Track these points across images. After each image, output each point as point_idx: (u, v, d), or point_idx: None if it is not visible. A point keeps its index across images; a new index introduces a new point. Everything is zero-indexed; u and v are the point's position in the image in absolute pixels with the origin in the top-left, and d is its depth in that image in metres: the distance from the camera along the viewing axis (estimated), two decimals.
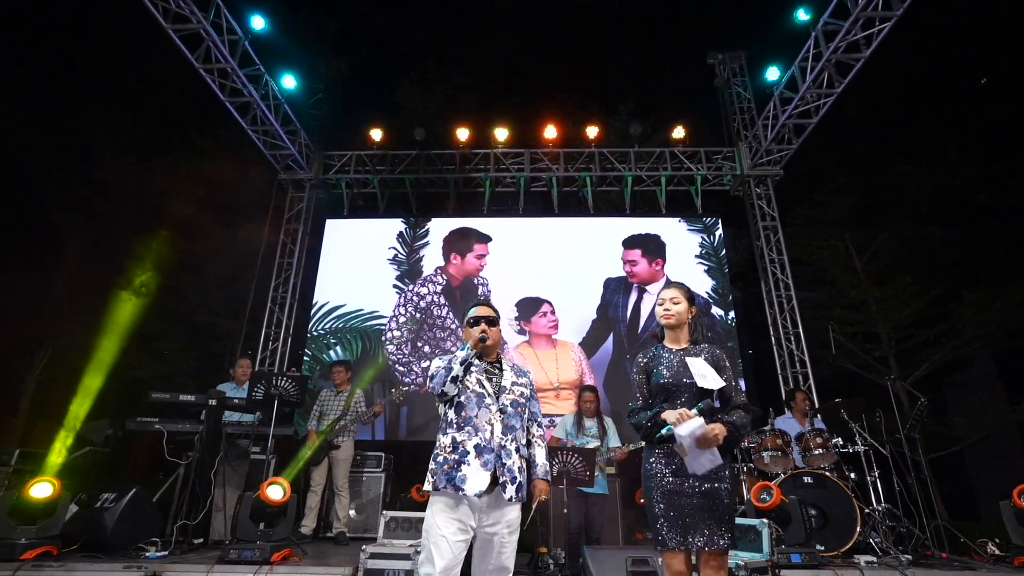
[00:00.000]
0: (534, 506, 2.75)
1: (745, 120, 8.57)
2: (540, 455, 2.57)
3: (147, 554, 3.98)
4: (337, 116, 8.76)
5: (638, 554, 3.65)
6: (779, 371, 7.36)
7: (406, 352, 7.27)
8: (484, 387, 2.44)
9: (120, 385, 7.62)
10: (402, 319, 7.44)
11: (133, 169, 9.03)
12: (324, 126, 8.63)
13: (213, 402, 4.67)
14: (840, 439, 4.82)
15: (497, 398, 2.44)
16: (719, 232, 8.01)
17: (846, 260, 10.40)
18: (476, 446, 2.31)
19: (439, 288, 7.58)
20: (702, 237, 7.93)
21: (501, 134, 8.38)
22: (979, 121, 12.07)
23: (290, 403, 4.79)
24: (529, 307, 7.40)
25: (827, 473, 4.52)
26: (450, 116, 8.65)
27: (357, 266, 7.89)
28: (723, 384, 2.31)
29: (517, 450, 2.40)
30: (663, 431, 2.24)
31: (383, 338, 7.38)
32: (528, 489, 2.48)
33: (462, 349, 2.47)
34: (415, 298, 7.55)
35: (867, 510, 4.51)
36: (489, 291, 7.56)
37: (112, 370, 7.02)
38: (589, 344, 7.21)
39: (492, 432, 2.36)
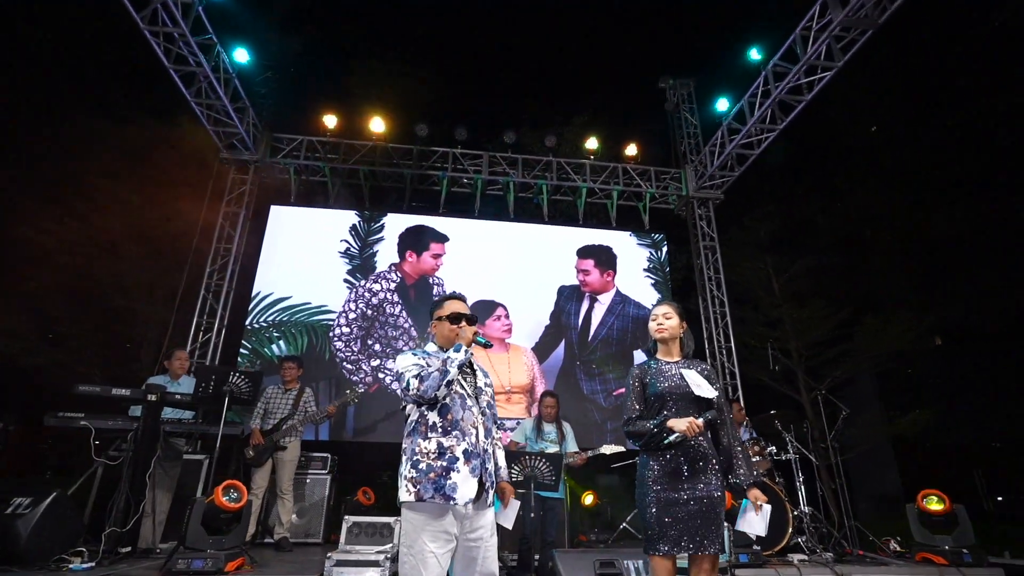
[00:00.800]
0: (511, 511, 2.67)
1: (691, 144, 9.11)
2: (501, 457, 2.50)
3: (71, 566, 3.58)
4: (289, 97, 8.30)
5: (606, 557, 3.80)
6: None
7: (355, 349, 7.02)
8: (464, 388, 2.32)
9: (15, 374, 6.74)
10: (352, 315, 7.18)
11: (41, 127, 8.03)
12: (274, 107, 8.13)
13: (153, 397, 4.27)
14: (774, 447, 5.27)
15: (476, 399, 2.34)
16: (665, 248, 8.46)
17: (767, 281, 11.35)
18: (465, 451, 2.18)
19: (392, 285, 7.40)
20: (650, 252, 8.34)
21: (461, 134, 8.34)
22: (875, 165, 13.67)
23: (241, 401, 4.48)
24: (484, 310, 7.41)
25: (764, 479, 4.92)
26: (409, 110, 8.45)
27: (304, 257, 7.51)
28: (716, 395, 2.49)
29: (494, 453, 2.37)
30: (672, 438, 2.36)
31: (331, 334, 7.08)
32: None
33: (456, 350, 2.27)
34: (367, 294, 7.32)
35: (795, 512, 4.96)
36: (444, 291, 7.49)
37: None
38: (541, 350, 7.35)
39: (477, 435, 2.25)
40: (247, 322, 7.10)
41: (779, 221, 11.66)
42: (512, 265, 7.83)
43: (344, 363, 6.96)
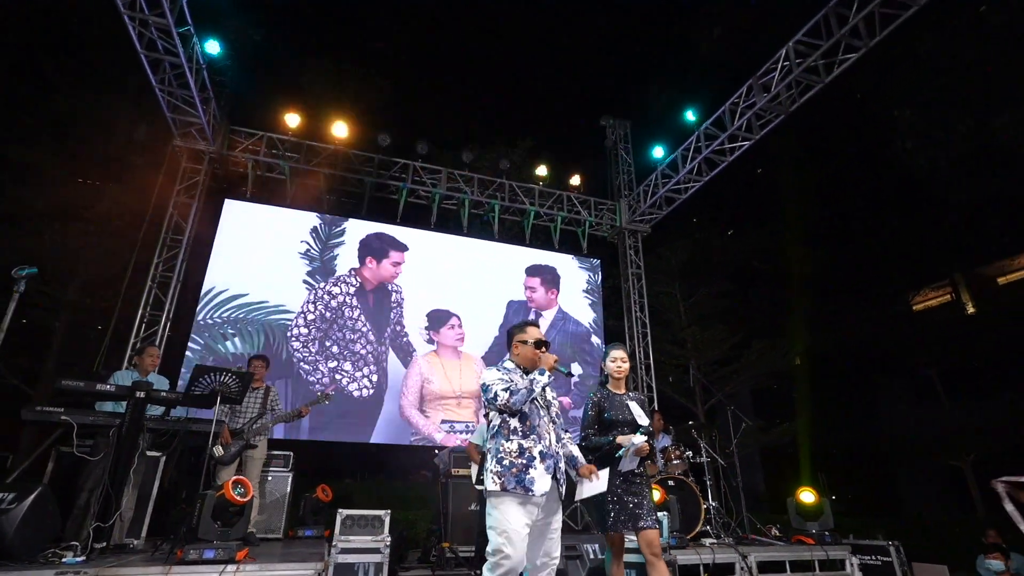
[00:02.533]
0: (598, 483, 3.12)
1: (625, 180, 10.23)
2: (576, 451, 3.02)
3: (64, 560, 3.63)
4: (253, 92, 8.21)
5: (568, 542, 4.52)
6: None
7: (313, 351, 7.18)
8: (539, 400, 2.80)
9: None
10: (311, 316, 7.33)
11: None
12: (237, 100, 8.01)
13: (141, 394, 4.32)
14: (691, 452, 6.34)
15: (548, 410, 2.85)
16: (600, 271, 9.48)
17: (675, 305, 12.89)
18: (541, 452, 2.65)
19: (352, 289, 7.64)
20: (588, 275, 9.31)
21: (422, 148, 8.74)
22: (765, 205, 15.95)
23: (230, 400, 4.64)
24: (439, 319, 7.89)
25: (683, 478, 5.95)
26: (373, 120, 8.71)
27: (261, 254, 7.51)
28: (648, 422, 3.35)
29: (567, 450, 2.93)
30: (621, 452, 3.15)
31: (288, 334, 7.18)
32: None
33: (541, 373, 2.76)
34: (326, 296, 7.49)
35: (705, 505, 6.04)
36: (403, 299, 7.86)
37: None
38: (490, 359, 7.97)
39: (550, 439, 2.75)
40: (198, 317, 6.99)
41: (687, 253, 13.30)
42: (465, 278, 8.38)
43: (301, 363, 7.10)
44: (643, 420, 3.30)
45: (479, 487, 5.41)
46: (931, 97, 8.06)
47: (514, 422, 2.73)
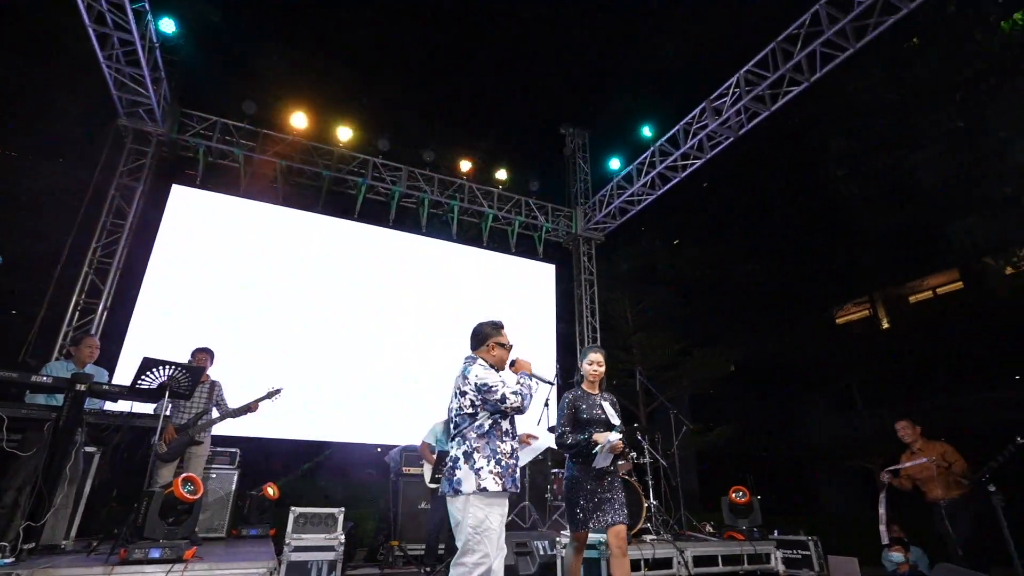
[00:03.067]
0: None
1: (581, 188, 10.54)
2: None
3: None
4: (207, 75, 7.87)
5: (519, 539, 4.68)
6: None
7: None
8: None
9: None
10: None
11: None
12: (190, 81, 7.67)
13: (82, 387, 4.11)
14: (635, 452, 6.65)
15: None
16: (554, 276, 9.73)
17: (623, 311, 13.37)
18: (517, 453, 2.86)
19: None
20: (542, 278, 9.52)
21: (384, 145, 8.70)
22: (707, 220, 16.81)
23: (179, 396, 4.49)
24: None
25: (627, 477, 6.24)
26: (333, 113, 8.55)
27: (211, 243, 7.25)
28: (619, 421, 3.57)
29: None
30: (596, 449, 3.35)
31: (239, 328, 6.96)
32: None
33: (529, 377, 2.90)
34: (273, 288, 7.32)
35: (647, 504, 6.36)
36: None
37: None
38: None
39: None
40: (139, 306, 6.66)
41: (635, 261, 13.83)
42: (423, 278, 8.42)
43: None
44: (616, 420, 3.47)
45: (432, 486, 5.52)
46: (860, 132, 8.84)
47: (505, 424, 2.81)
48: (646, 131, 8.60)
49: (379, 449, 8.01)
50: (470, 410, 2.79)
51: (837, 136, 9.41)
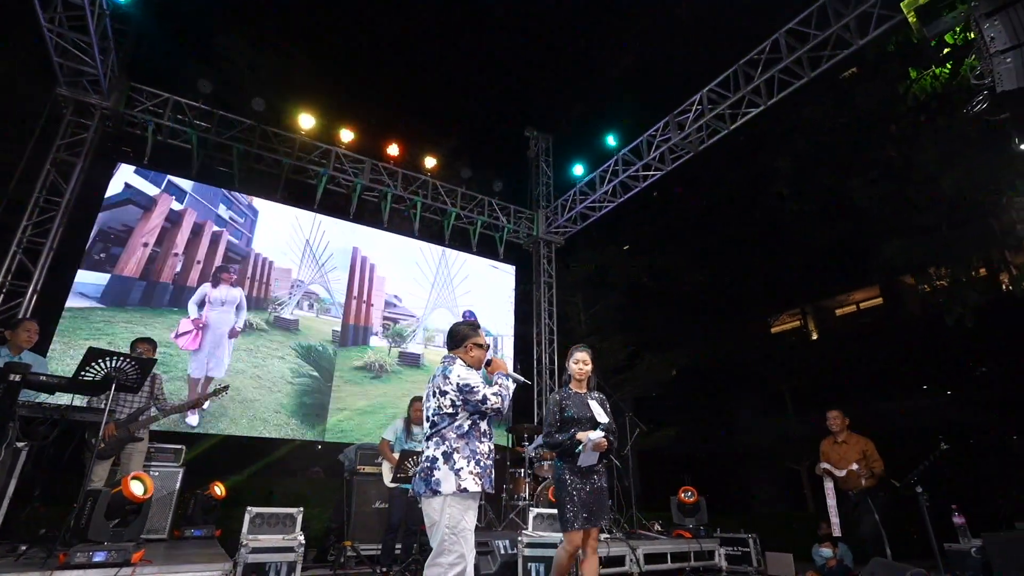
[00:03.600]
0: None
1: (543, 191, 10.67)
2: None
3: None
4: (160, 50, 7.41)
5: (481, 538, 4.69)
6: (535, 397, 9.42)
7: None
8: None
9: None
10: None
11: None
12: (139, 53, 7.20)
13: (16, 377, 3.79)
14: None
15: None
16: (514, 277, 9.80)
17: (577, 314, 13.62)
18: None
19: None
20: (503, 279, 9.57)
21: (347, 135, 8.49)
22: (657, 228, 17.40)
23: (127, 389, 4.22)
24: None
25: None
26: (296, 99, 8.26)
27: (156, 228, 6.84)
28: (608, 419, 3.65)
29: None
30: (579, 448, 3.42)
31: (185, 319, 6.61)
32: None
33: (506, 378, 2.89)
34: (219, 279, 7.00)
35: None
36: (309, 290, 7.57)
37: None
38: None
39: None
40: (74, 292, 6.20)
41: (591, 265, 14.13)
42: (383, 273, 8.29)
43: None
44: (603, 418, 3.49)
45: (392, 485, 5.45)
46: (806, 154, 9.45)
47: (484, 424, 2.83)
48: (610, 140, 8.81)
49: (319, 447, 7.82)
50: (450, 410, 2.77)
51: (784, 156, 10.00)
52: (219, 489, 5.76)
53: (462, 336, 3.01)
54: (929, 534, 4.03)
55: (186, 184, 7.51)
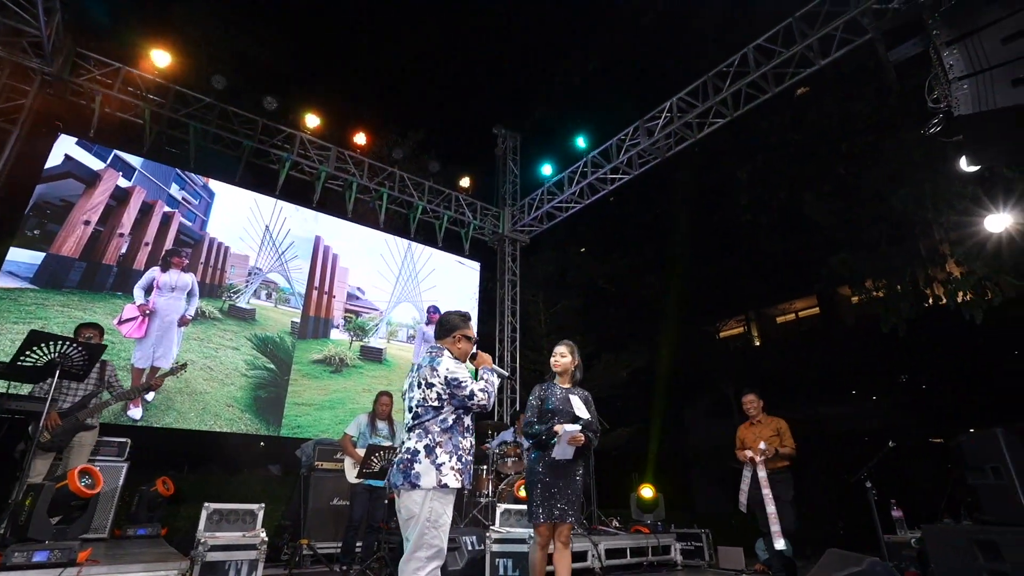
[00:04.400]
0: None
1: (510, 190, 10.68)
2: None
3: None
4: (113, 17, 6.92)
5: (449, 534, 4.63)
6: (496, 394, 9.39)
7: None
8: None
9: None
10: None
11: None
12: (86, 17, 6.70)
13: None
14: None
15: None
16: (479, 273, 9.75)
17: (537, 313, 13.71)
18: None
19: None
20: (468, 274, 9.50)
21: (312, 120, 8.21)
22: (613, 232, 17.79)
23: (72, 376, 3.91)
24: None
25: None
26: (260, 79, 7.93)
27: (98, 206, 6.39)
28: (589, 416, 3.68)
29: None
30: (554, 440, 3.43)
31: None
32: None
33: (490, 372, 2.90)
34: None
35: None
36: (267, 278, 7.27)
37: None
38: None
39: None
40: (2, 271, 5.70)
41: (551, 266, 14.28)
42: (350, 263, 8.07)
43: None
44: (583, 413, 3.48)
45: (356, 481, 5.30)
46: (763, 166, 9.89)
47: (467, 419, 2.80)
48: (580, 142, 8.91)
49: (262, 444, 7.52)
50: (435, 403, 2.71)
51: (743, 167, 10.43)
52: (166, 485, 5.43)
53: (451, 326, 2.96)
54: (876, 526, 4.29)
55: (134, 160, 7.06)
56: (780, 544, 4.81)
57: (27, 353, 3.70)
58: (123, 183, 6.95)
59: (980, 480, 4.05)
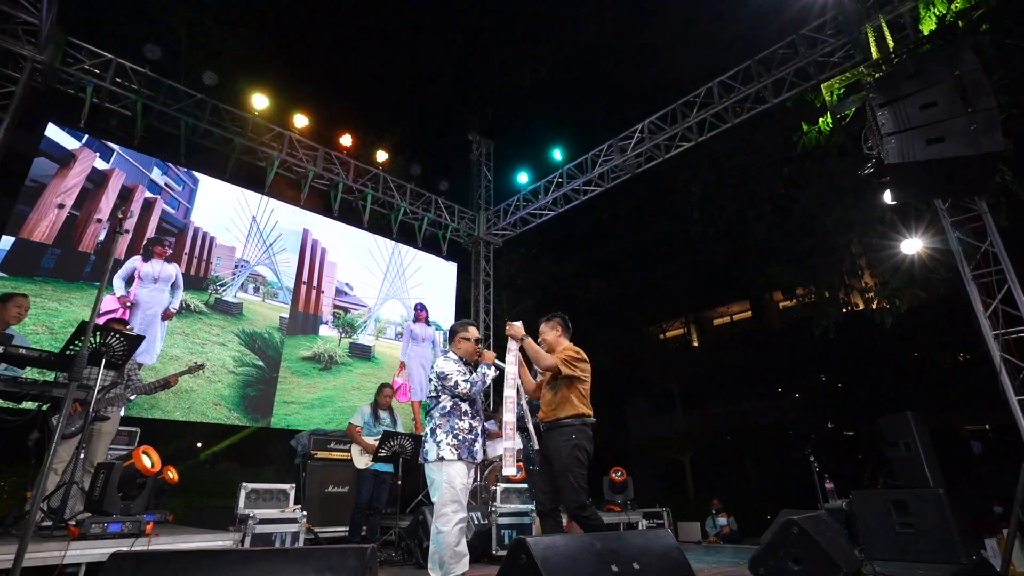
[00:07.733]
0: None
1: (484, 194, 11.21)
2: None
3: None
4: (108, 10, 6.87)
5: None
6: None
7: None
8: None
9: None
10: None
11: None
12: (79, 7, 6.63)
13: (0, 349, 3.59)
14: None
15: (485, 397, 3.71)
16: (455, 274, 10.23)
17: (503, 314, 14.31)
18: (480, 429, 3.48)
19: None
20: (446, 274, 9.96)
21: (300, 120, 8.41)
22: (563, 236, 18.68)
23: (113, 366, 4.10)
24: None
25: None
26: (252, 78, 8.03)
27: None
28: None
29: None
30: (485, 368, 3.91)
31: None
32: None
33: (488, 367, 3.47)
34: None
35: None
36: (253, 271, 7.44)
37: None
38: None
39: (483, 419, 3.58)
40: None
41: (511, 269, 14.96)
42: (339, 258, 8.33)
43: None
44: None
45: (363, 466, 5.70)
46: (716, 183, 11.00)
47: (465, 405, 3.41)
48: (556, 154, 9.59)
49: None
50: (434, 394, 3.47)
51: (699, 183, 11.51)
52: (172, 473, 5.54)
53: (452, 333, 3.68)
54: (818, 494, 5.23)
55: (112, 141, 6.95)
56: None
57: (74, 343, 3.87)
58: (100, 165, 6.73)
59: (895, 453, 5.07)
